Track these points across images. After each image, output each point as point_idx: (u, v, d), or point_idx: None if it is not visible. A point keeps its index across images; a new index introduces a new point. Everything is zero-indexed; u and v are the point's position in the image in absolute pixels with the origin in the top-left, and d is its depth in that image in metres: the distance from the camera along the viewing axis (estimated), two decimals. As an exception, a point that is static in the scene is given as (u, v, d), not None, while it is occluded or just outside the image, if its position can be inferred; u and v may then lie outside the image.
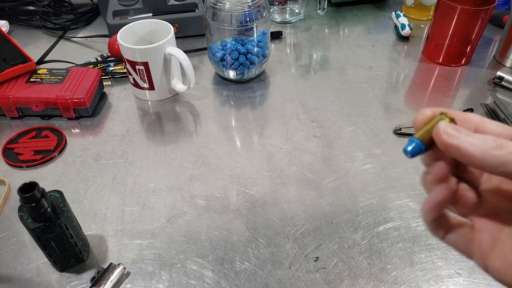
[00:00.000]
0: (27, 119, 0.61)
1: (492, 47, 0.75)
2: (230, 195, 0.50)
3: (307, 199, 0.49)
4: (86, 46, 0.76)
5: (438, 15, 0.68)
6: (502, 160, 0.19)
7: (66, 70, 0.63)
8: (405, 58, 0.73)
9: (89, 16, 0.84)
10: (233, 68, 0.65)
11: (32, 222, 0.38)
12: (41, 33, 0.80)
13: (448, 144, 0.20)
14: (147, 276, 0.42)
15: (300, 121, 0.60)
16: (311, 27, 0.81)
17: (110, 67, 0.69)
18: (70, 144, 0.57)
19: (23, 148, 0.56)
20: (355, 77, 0.69)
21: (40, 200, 0.36)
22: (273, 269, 0.43)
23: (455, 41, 0.68)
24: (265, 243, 0.45)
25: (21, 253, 0.44)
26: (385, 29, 0.80)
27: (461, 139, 0.20)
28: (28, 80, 0.61)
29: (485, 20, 0.64)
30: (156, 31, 0.63)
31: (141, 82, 0.62)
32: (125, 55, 0.59)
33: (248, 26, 0.62)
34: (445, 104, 0.63)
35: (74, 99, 0.59)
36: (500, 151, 0.19)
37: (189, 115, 0.62)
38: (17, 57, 0.62)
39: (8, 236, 0.46)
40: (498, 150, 0.19)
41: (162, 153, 0.56)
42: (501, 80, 0.65)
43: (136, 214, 0.48)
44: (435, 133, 0.21)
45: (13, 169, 0.54)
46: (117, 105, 0.64)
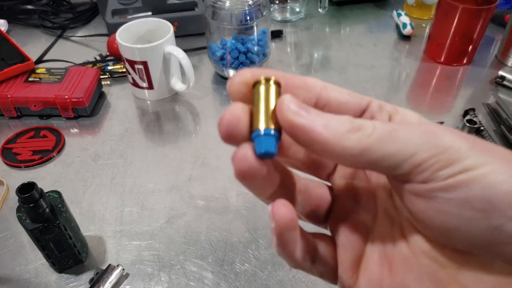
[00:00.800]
0: (25, 119, 0.61)
1: (494, 47, 0.75)
2: (230, 196, 0.50)
3: (308, 200, 0.49)
4: (85, 45, 0.76)
5: (439, 14, 0.67)
6: (362, 146, 0.15)
7: (65, 69, 0.62)
8: (407, 58, 0.72)
9: (88, 15, 0.83)
10: (233, 67, 0.64)
11: (31, 222, 0.37)
12: (40, 32, 0.79)
13: (295, 124, 0.15)
14: (146, 278, 0.42)
15: (300, 120, 0.60)
16: (311, 26, 0.81)
17: (109, 67, 0.68)
18: (68, 144, 0.57)
19: (21, 148, 0.55)
20: (356, 76, 0.68)
21: (38, 200, 0.36)
22: (274, 270, 0.42)
23: (456, 40, 0.67)
24: (266, 244, 0.45)
25: (20, 254, 0.44)
26: (386, 28, 0.80)
27: (310, 118, 0.15)
28: (26, 80, 0.61)
29: (487, 19, 0.64)
30: (155, 30, 0.62)
31: (140, 81, 0.61)
32: (124, 54, 0.59)
33: (248, 25, 0.61)
34: (447, 104, 0.63)
35: (73, 99, 0.58)
36: (358, 134, 0.15)
37: (189, 114, 0.62)
38: (16, 57, 0.61)
39: (6, 237, 0.46)
40: (356, 133, 0.15)
41: (161, 153, 0.55)
42: (503, 80, 0.65)
43: (135, 215, 0.48)
44: (279, 111, 0.15)
45: (12, 169, 0.53)
46: (116, 104, 0.63)
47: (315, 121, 0.15)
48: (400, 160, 0.15)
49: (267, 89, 0.16)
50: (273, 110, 0.16)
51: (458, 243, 0.15)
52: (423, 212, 0.15)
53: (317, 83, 0.18)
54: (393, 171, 0.15)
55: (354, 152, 0.15)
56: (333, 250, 0.19)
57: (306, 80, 0.18)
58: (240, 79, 0.17)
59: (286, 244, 0.17)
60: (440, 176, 0.14)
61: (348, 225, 0.19)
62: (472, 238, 0.15)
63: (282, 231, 0.16)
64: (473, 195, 0.14)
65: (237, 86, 0.17)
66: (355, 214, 0.19)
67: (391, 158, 0.15)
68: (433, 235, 0.16)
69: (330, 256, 0.19)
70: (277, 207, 0.16)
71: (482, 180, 0.14)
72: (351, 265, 0.18)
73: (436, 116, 0.60)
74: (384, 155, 0.15)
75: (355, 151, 0.15)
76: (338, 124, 0.15)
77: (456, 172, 0.14)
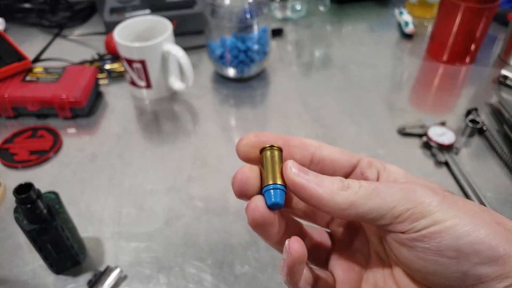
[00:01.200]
0: (22, 119, 0.60)
1: (496, 46, 0.74)
2: (230, 197, 0.49)
3: (309, 201, 0.48)
4: (82, 44, 0.75)
5: (442, 13, 0.67)
6: (350, 201, 0.18)
7: (62, 68, 0.62)
8: (409, 56, 0.72)
9: (86, 13, 0.82)
10: (232, 66, 0.64)
11: (28, 223, 0.37)
12: (37, 31, 0.79)
13: (296, 183, 0.19)
14: (145, 280, 0.42)
15: (302, 120, 0.59)
16: (313, 24, 0.80)
17: (107, 65, 0.67)
18: (66, 144, 0.56)
19: (18, 148, 0.55)
20: (358, 75, 0.67)
21: (35, 201, 0.35)
22: (274, 272, 0.42)
23: (459, 39, 0.67)
24: (266, 246, 0.44)
25: (17, 255, 0.44)
26: (389, 26, 0.79)
27: (308, 178, 0.19)
28: (23, 79, 0.60)
29: (489, 18, 0.63)
30: (153, 28, 0.62)
31: (138, 80, 0.60)
32: (122, 53, 0.58)
33: (248, 23, 0.61)
34: (449, 104, 0.62)
35: (70, 99, 0.57)
36: (347, 192, 0.18)
37: (188, 114, 0.61)
38: (13, 56, 0.61)
39: (3, 238, 0.45)
40: (346, 191, 0.18)
41: (159, 154, 0.55)
42: (506, 79, 0.64)
43: (133, 216, 0.47)
44: (284, 172, 0.19)
45: (8, 170, 0.53)
46: (113, 104, 0.63)
47: (311, 181, 0.19)
48: (383, 213, 0.18)
49: (272, 153, 0.20)
50: (279, 171, 0.20)
51: (437, 284, 0.18)
52: (406, 258, 0.18)
53: (312, 143, 0.21)
54: (377, 222, 0.18)
55: (344, 206, 0.18)
56: (332, 283, 0.22)
57: (303, 140, 0.21)
58: (246, 142, 0.21)
59: (294, 274, 0.19)
60: (415, 227, 0.17)
61: (346, 264, 0.21)
62: (447, 280, 0.17)
63: (294, 264, 0.19)
64: (444, 245, 0.17)
65: (243, 147, 0.21)
66: (351, 256, 0.22)
67: (374, 211, 0.18)
68: (416, 276, 0.19)
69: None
70: (293, 243, 0.19)
71: (450, 232, 0.17)
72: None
73: (438, 116, 0.60)
74: (369, 208, 0.18)
75: (345, 205, 0.18)
76: (330, 183, 0.19)
77: (428, 224, 0.17)
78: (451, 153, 0.53)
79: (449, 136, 0.53)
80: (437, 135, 0.53)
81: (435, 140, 0.53)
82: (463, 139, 0.56)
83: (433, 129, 0.54)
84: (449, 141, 0.53)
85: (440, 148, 0.53)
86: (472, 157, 0.53)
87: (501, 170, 0.52)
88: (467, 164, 0.52)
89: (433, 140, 0.53)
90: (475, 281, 0.17)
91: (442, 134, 0.53)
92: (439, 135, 0.53)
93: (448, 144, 0.52)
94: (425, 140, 0.54)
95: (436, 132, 0.54)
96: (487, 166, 0.52)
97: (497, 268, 0.17)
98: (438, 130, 0.54)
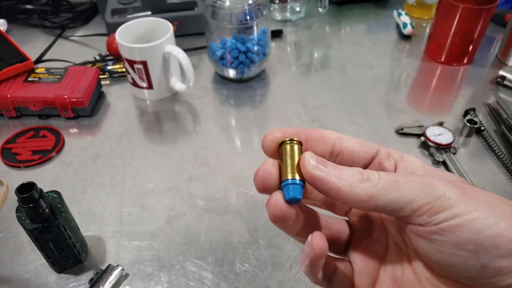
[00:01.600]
0: (25, 119, 0.60)
1: (494, 46, 0.74)
2: (230, 196, 0.49)
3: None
4: (84, 45, 0.76)
5: (440, 14, 0.67)
6: (369, 193, 0.18)
7: (64, 69, 0.62)
8: (407, 57, 0.72)
9: (88, 14, 0.83)
10: (233, 67, 0.64)
11: (30, 222, 0.37)
12: (39, 32, 0.79)
13: (314, 176, 0.18)
14: (146, 278, 0.42)
15: (301, 120, 0.60)
16: (312, 25, 0.81)
17: (109, 66, 0.68)
18: (68, 144, 0.57)
19: (21, 148, 0.55)
20: (356, 76, 0.68)
21: (38, 200, 0.36)
22: (274, 270, 0.42)
23: (457, 40, 0.67)
24: (266, 245, 0.44)
25: (19, 254, 0.44)
26: (387, 27, 0.80)
27: (327, 171, 0.19)
28: (26, 80, 0.60)
29: (487, 19, 0.64)
30: (155, 30, 0.62)
31: (139, 81, 0.61)
32: (124, 54, 0.59)
33: (248, 24, 0.61)
34: (447, 104, 0.63)
35: (72, 99, 0.58)
36: (366, 184, 0.18)
37: (189, 114, 0.62)
38: (15, 56, 0.61)
39: (6, 237, 0.46)
40: (365, 183, 0.18)
41: (161, 153, 0.55)
42: (503, 80, 0.65)
43: (134, 215, 0.48)
44: (301, 165, 0.19)
45: (11, 169, 0.53)
46: (115, 104, 0.63)
47: (330, 173, 0.18)
48: (402, 206, 0.18)
49: (292, 147, 0.20)
50: (297, 164, 0.19)
51: (455, 275, 0.18)
52: (424, 250, 0.19)
53: (332, 135, 0.21)
54: (396, 214, 0.18)
55: (363, 198, 0.18)
56: (351, 273, 0.22)
57: (323, 133, 0.21)
58: (271, 137, 0.21)
59: (315, 268, 0.20)
60: (434, 220, 0.17)
61: (364, 254, 0.22)
62: (465, 272, 0.18)
63: (317, 258, 0.19)
64: (464, 239, 0.17)
65: (269, 143, 0.21)
66: (370, 245, 0.22)
67: (394, 204, 0.18)
68: (434, 267, 0.19)
69: (347, 279, 0.22)
70: (315, 238, 0.19)
71: (470, 225, 0.17)
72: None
73: (436, 116, 0.60)
74: (388, 201, 0.18)
75: (364, 197, 0.18)
76: (349, 175, 0.18)
77: (447, 218, 0.17)
78: (449, 153, 0.53)
79: (447, 136, 0.54)
80: (435, 135, 0.54)
81: (433, 140, 0.53)
82: (461, 139, 0.57)
83: (431, 129, 0.55)
84: (447, 141, 0.53)
85: (438, 148, 0.53)
86: (470, 157, 0.54)
87: (499, 170, 0.52)
88: (465, 164, 0.53)
89: (431, 140, 0.53)
90: (494, 273, 0.17)
91: (440, 134, 0.54)
92: (437, 135, 0.54)
93: (446, 144, 0.53)
94: (423, 140, 0.54)
95: (434, 132, 0.54)
96: (485, 166, 0.53)
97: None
98: (436, 130, 0.54)
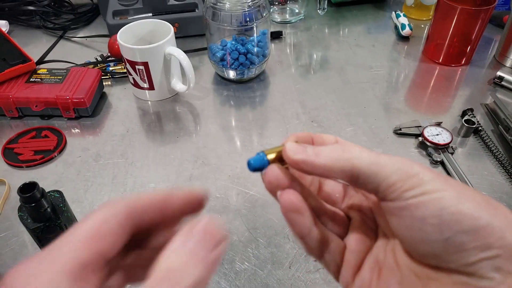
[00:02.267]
0: (27, 119, 0.61)
1: (492, 47, 0.75)
2: (230, 195, 0.50)
3: (307, 199, 0.49)
4: (86, 46, 0.76)
5: (438, 15, 0.68)
6: (352, 162, 0.19)
7: (66, 70, 0.63)
8: (405, 58, 0.73)
9: (89, 16, 0.84)
10: (233, 68, 0.65)
11: (32, 222, 0.37)
12: (41, 33, 0.80)
13: (296, 160, 0.20)
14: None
15: (300, 121, 0.60)
16: (311, 27, 0.81)
17: (110, 67, 0.69)
18: (70, 144, 0.57)
19: (23, 148, 0.56)
20: (355, 77, 0.69)
21: (40, 200, 0.36)
22: (273, 269, 0.43)
23: (455, 41, 0.68)
24: (265, 243, 0.45)
25: (21, 254, 0.44)
26: (385, 29, 0.80)
27: (307, 153, 0.20)
28: (28, 80, 0.61)
29: (485, 20, 0.64)
30: (156, 31, 0.63)
31: (141, 82, 0.62)
32: (125, 55, 0.59)
33: (248, 26, 0.62)
34: (445, 104, 0.63)
35: (74, 99, 0.58)
36: (348, 154, 0.20)
37: (189, 115, 0.62)
38: (17, 57, 0.62)
39: (8, 236, 0.46)
40: (347, 153, 0.20)
41: (162, 153, 0.56)
42: (501, 80, 0.65)
43: (136, 214, 0.48)
44: (284, 152, 0.21)
45: (13, 169, 0.54)
46: (117, 105, 0.64)
47: (310, 154, 0.20)
48: (380, 180, 0.19)
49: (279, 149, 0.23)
50: (278, 152, 0.22)
51: (423, 254, 0.19)
52: (396, 228, 0.20)
53: (330, 139, 0.23)
54: (375, 189, 0.20)
55: (346, 169, 0.19)
56: (342, 250, 0.23)
57: (323, 137, 0.23)
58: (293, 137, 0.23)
59: (293, 225, 0.21)
60: (405, 196, 0.19)
61: (358, 237, 0.23)
62: (431, 248, 0.19)
63: (286, 212, 0.21)
64: (428, 214, 0.18)
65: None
66: (365, 230, 0.24)
67: (373, 177, 0.19)
68: (407, 247, 0.20)
69: (338, 254, 0.23)
70: (284, 193, 0.21)
71: (435, 202, 0.18)
72: (353, 267, 0.22)
73: (434, 116, 0.61)
74: (369, 173, 0.19)
75: (347, 168, 0.19)
76: (329, 151, 0.20)
77: (416, 194, 0.18)
78: (446, 153, 0.54)
79: (444, 136, 0.54)
80: (433, 135, 0.54)
81: (431, 140, 0.54)
82: (459, 139, 0.57)
83: (429, 129, 0.55)
84: (444, 141, 0.54)
85: (436, 148, 0.54)
86: (467, 157, 0.54)
87: (496, 170, 0.53)
88: (463, 164, 0.53)
89: (429, 140, 0.54)
90: (456, 249, 0.18)
91: (438, 134, 0.54)
92: (435, 135, 0.54)
93: (443, 144, 0.53)
94: (421, 140, 0.55)
95: (432, 132, 0.55)
96: (482, 166, 0.53)
97: (478, 237, 0.17)
98: (434, 130, 0.55)
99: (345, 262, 0.23)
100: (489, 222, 0.17)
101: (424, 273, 0.19)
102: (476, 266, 0.17)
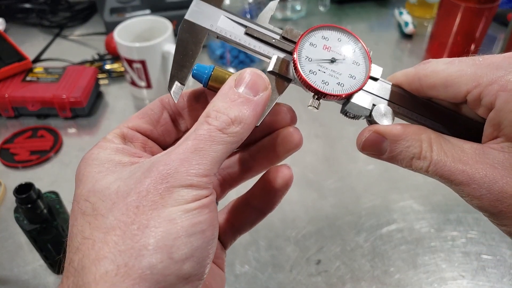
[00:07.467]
0: (23, 119, 0.60)
1: (496, 46, 0.74)
2: (230, 197, 0.49)
3: (309, 201, 0.48)
4: (82, 44, 0.75)
5: (441, 13, 0.67)
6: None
7: (63, 68, 0.62)
8: (409, 56, 0.72)
9: (86, 13, 0.83)
10: (233, 65, 0.64)
11: (28, 223, 0.37)
12: (38, 31, 0.79)
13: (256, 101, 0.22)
14: (145, 280, 0.42)
15: (301, 120, 0.59)
16: (312, 24, 0.80)
17: (107, 66, 0.67)
18: (66, 144, 0.56)
19: (19, 148, 0.55)
20: (357, 75, 0.68)
21: (36, 201, 0.36)
22: (274, 272, 0.42)
23: (459, 39, 0.67)
24: (266, 246, 0.44)
25: (18, 255, 0.44)
26: (388, 26, 0.79)
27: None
28: (24, 79, 0.60)
29: (489, 18, 0.63)
30: (154, 29, 0.62)
31: (138, 80, 0.61)
32: (122, 53, 0.58)
33: (248, 23, 0.61)
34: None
35: (71, 99, 0.58)
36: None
37: (188, 114, 0.61)
38: (13, 56, 0.61)
39: (4, 238, 0.45)
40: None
41: (160, 153, 0.55)
42: (505, 79, 0.64)
43: (134, 216, 0.47)
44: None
45: (9, 170, 0.53)
46: (114, 104, 0.63)
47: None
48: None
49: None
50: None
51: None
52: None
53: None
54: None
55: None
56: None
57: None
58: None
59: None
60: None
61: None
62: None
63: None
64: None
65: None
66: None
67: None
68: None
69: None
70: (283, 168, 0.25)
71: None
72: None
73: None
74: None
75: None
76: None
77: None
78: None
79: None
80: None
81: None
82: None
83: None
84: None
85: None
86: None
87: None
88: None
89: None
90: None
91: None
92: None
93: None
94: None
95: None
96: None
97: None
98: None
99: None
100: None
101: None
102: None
